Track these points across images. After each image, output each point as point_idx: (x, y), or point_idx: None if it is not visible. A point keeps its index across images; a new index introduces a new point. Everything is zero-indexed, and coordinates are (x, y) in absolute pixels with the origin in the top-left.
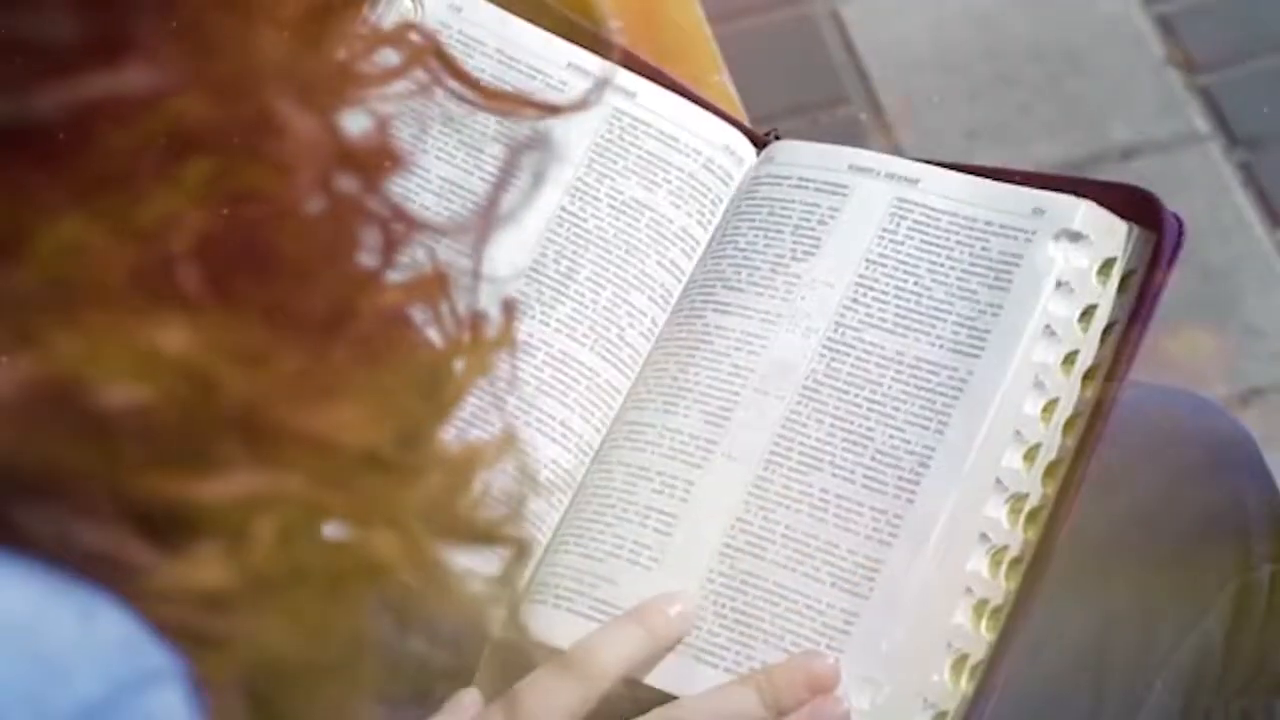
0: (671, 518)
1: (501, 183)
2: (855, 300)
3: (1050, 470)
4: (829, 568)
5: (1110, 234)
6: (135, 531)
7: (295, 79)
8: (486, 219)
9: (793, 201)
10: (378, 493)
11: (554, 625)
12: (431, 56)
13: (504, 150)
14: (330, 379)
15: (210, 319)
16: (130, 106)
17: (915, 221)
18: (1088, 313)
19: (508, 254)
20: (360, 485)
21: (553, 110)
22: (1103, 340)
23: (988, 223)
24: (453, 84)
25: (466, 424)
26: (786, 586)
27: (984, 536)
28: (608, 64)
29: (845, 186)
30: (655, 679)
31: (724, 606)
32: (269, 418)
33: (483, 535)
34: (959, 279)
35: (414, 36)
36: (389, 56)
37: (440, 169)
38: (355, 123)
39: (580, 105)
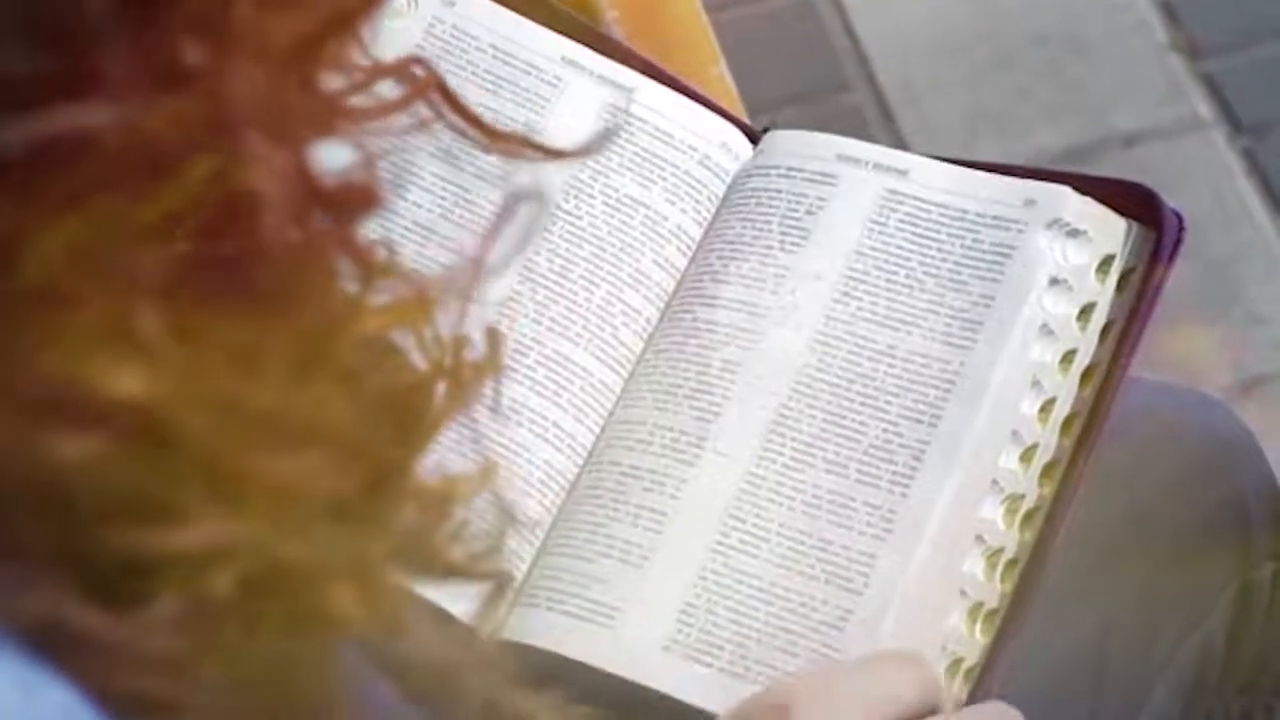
0: (662, 515)
1: (494, 232)
2: (846, 294)
3: (1047, 471)
4: (823, 565)
5: (1109, 231)
6: (86, 595)
7: (272, 113)
8: (475, 271)
9: (780, 192)
10: (342, 543)
11: (549, 628)
12: (434, 91)
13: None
14: (297, 422)
15: (173, 361)
16: (96, 138)
17: (906, 214)
18: (1086, 311)
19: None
20: (324, 535)
21: (558, 155)
22: (1101, 339)
23: (979, 214)
24: (454, 119)
25: (455, 443)
26: (780, 584)
27: (979, 538)
28: (606, 65)
29: (833, 176)
30: (647, 678)
31: (717, 605)
32: (231, 465)
33: (459, 571)
34: (950, 271)
35: (417, 70)
36: (389, 89)
37: (433, 165)
38: (343, 155)
39: (587, 152)
